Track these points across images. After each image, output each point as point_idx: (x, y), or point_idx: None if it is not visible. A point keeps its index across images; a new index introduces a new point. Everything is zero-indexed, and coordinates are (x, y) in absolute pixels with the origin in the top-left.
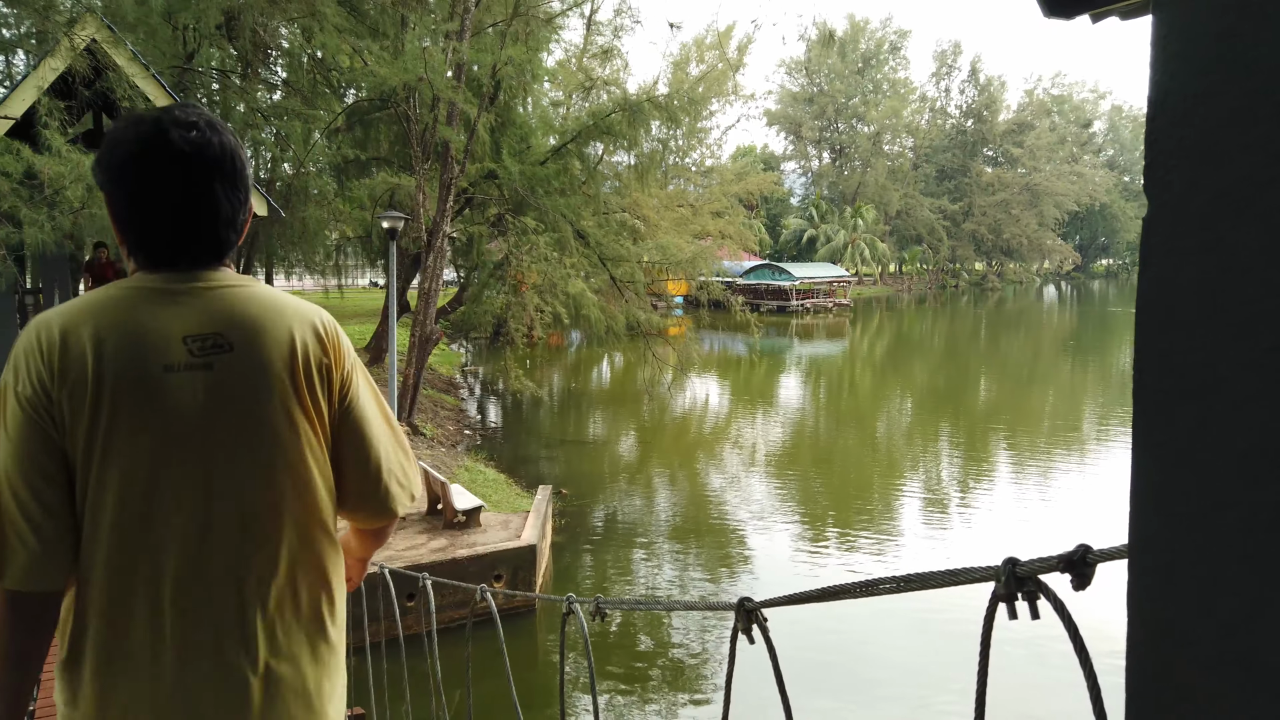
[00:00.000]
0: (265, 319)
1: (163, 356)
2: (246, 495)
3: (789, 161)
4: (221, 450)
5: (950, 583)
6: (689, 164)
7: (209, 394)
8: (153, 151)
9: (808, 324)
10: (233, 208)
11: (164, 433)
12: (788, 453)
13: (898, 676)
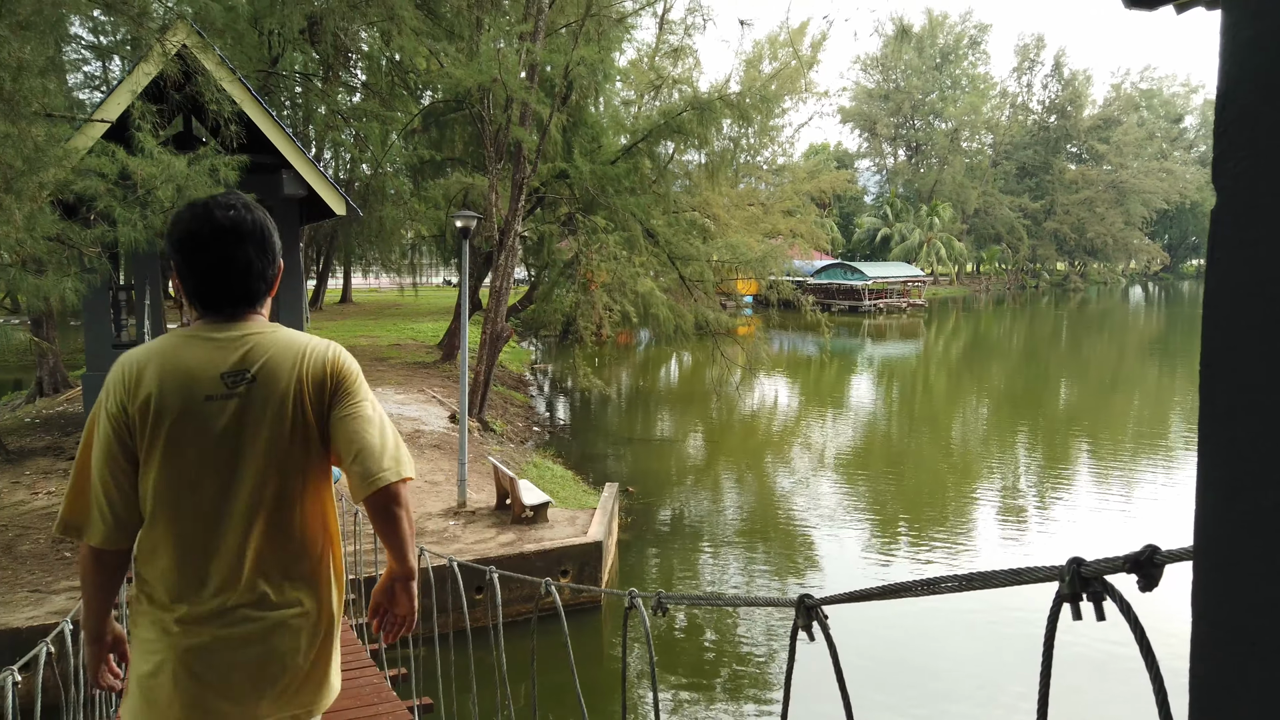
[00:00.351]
0: (279, 358)
1: (205, 389)
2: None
3: (863, 159)
4: (243, 456)
5: (1013, 582)
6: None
7: (236, 416)
8: (201, 225)
9: (880, 324)
10: (262, 266)
11: (202, 446)
12: (858, 455)
13: (959, 678)
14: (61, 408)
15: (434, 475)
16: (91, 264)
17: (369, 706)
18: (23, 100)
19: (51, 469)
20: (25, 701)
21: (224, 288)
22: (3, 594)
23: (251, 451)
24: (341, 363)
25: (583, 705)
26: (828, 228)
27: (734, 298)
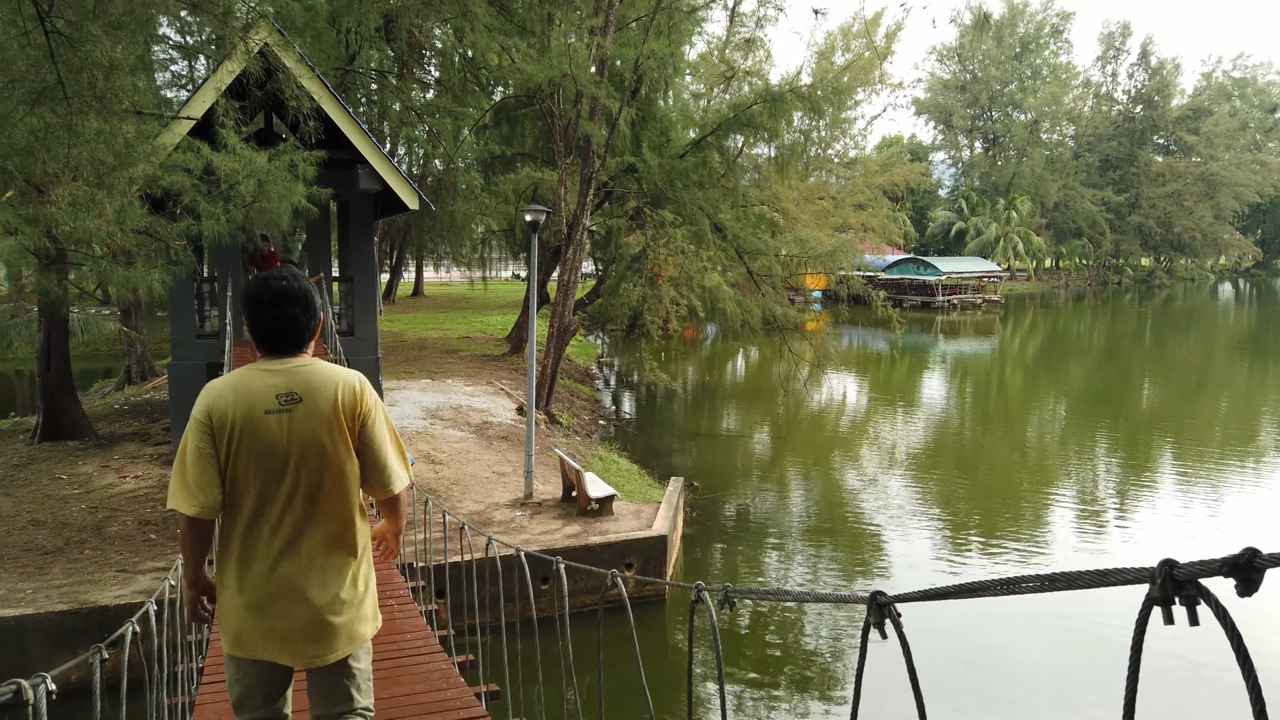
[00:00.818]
0: (321, 384)
1: (265, 405)
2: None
3: (938, 152)
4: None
5: (1100, 583)
6: (831, 155)
7: (288, 426)
8: (262, 291)
9: (954, 321)
10: (306, 320)
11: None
12: (929, 454)
13: (1037, 682)
14: (148, 395)
15: (501, 466)
16: (177, 256)
17: (438, 692)
18: (114, 98)
19: (138, 454)
20: (112, 678)
21: (277, 337)
22: (92, 573)
23: (293, 455)
24: (366, 393)
25: (648, 698)
26: (900, 222)
27: (803, 293)
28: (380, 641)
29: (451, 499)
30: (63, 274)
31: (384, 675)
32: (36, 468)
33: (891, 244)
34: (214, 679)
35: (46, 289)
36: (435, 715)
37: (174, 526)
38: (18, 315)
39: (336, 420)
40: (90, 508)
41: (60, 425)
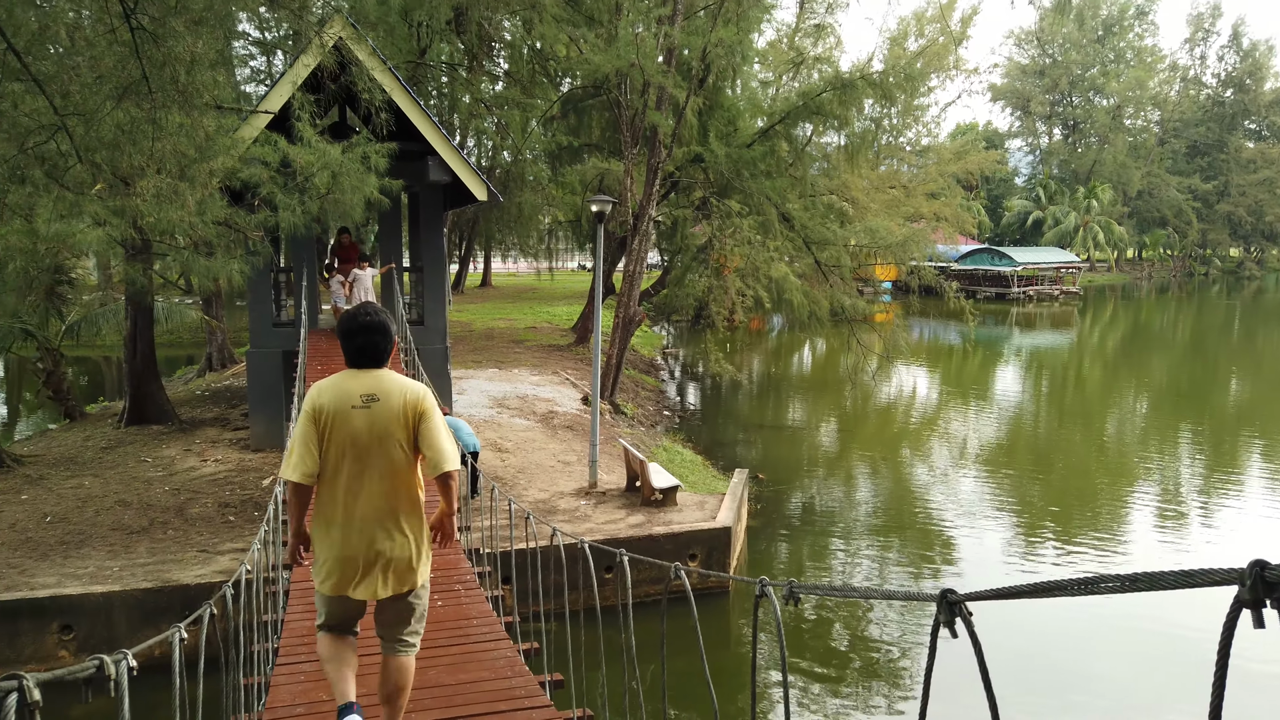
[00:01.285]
0: (392, 390)
1: (352, 401)
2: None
3: (1014, 139)
4: (372, 442)
5: (1185, 584)
6: (903, 143)
7: (368, 419)
8: (352, 323)
9: (1030, 313)
10: (384, 345)
11: (350, 434)
12: (1003, 450)
13: (1115, 687)
14: (228, 382)
15: (566, 455)
16: (255, 247)
17: (503, 679)
18: (195, 92)
19: (218, 438)
20: (190, 656)
21: (364, 356)
22: (175, 552)
23: (372, 440)
24: (424, 397)
25: (711, 690)
26: (974, 211)
27: (872, 283)
28: (448, 627)
29: (517, 487)
30: (148, 264)
31: (452, 661)
32: (123, 450)
33: (965, 234)
34: (288, 660)
35: (133, 279)
36: (501, 703)
37: (251, 510)
38: (106, 304)
39: (402, 416)
40: (173, 490)
41: (145, 410)
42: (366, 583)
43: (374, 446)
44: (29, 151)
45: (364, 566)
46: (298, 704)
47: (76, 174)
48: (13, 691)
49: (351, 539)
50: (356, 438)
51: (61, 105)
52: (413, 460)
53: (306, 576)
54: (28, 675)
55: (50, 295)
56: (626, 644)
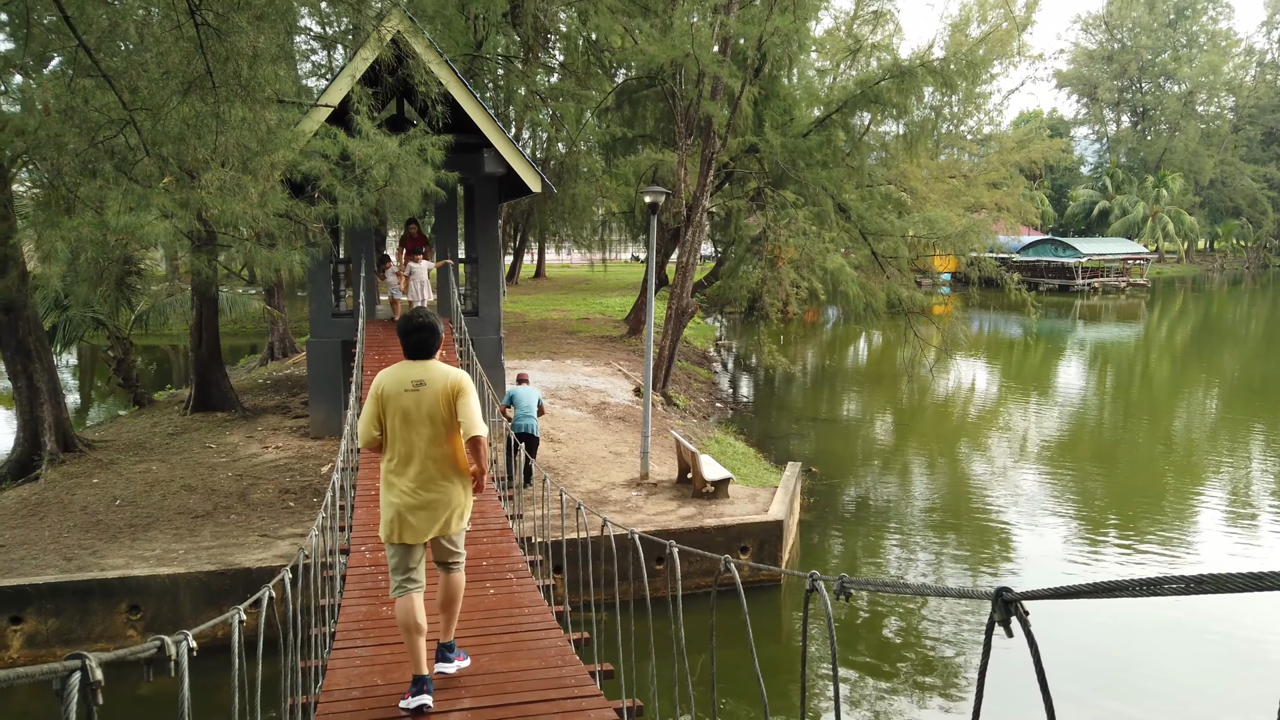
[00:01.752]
0: (436, 376)
1: (405, 385)
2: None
3: (1080, 126)
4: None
5: (1254, 587)
6: (964, 132)
7: (416, 399)
8: (409, 325)
9: (1094, 305)
10: (433, 341)
11: (404, 410)
12: (1064, 446)
13: (1178, 693)
14: (289, 371)
15: (617, 446)
16: (315, 239)
17: (554, 669)
18: (258, 87)
19: (279, 426)
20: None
21: (416, 351)
22: (237, 536)
23: (421, 415)
24: (461, 380)
25: (761, 684)
26: (1037, 201)
27: (930, 275)
28: (500, 615)
29: (569, 477)
30: (212, 255)
31: (504, 649)
32: (189, 436)
33: (1027, 224)
34: (345, 645)
35: (198, 269)
36: (551, 691)
37: (310, 496)
38: (173, 294)
39: (444, 396)
40: (236, 475)
41: (210, 397)
42: (419, 526)
43: (421, 420)
44: (99, 145)
45: (415, 512)
46: (353, 688)
47: (144, 167)
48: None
49: (407, 492)
50: (407, 413)
51: (130, 100)
52: (454, 429)
53: (362, 562)
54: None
55: (120, 285)
56: (676, 635)
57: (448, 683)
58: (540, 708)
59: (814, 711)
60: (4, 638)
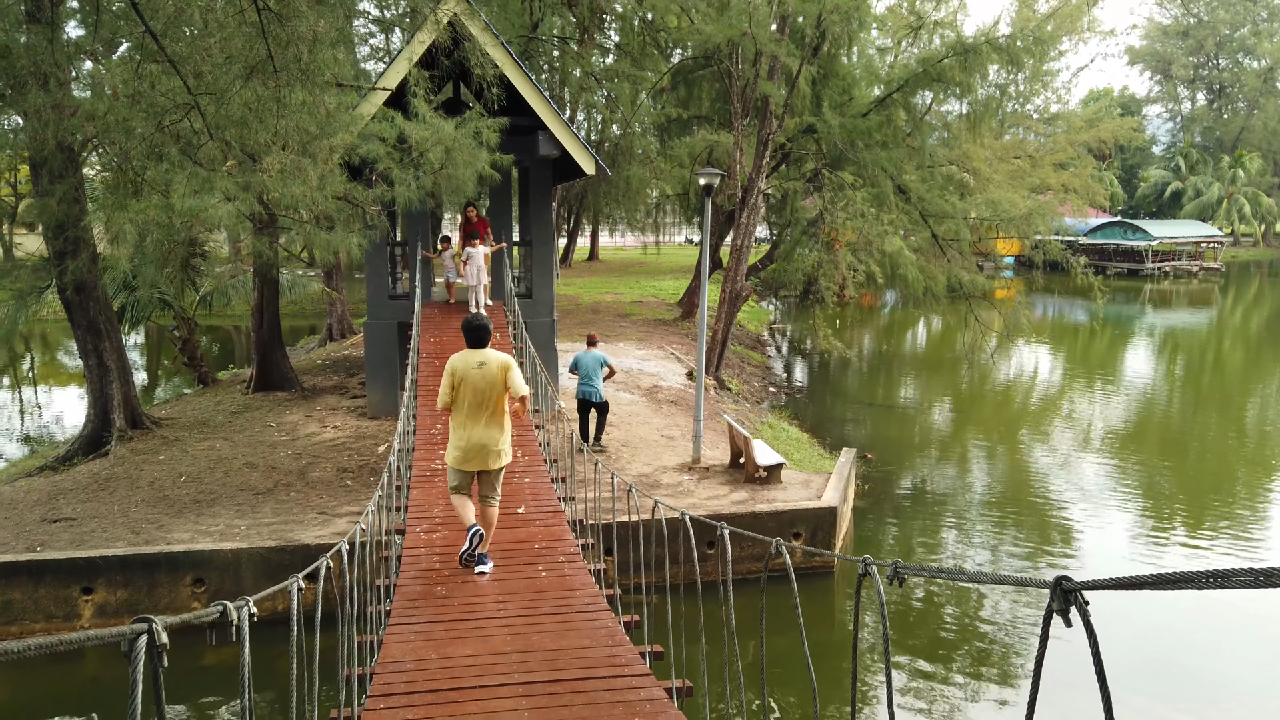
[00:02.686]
0: (492, 359)
1: (470, 366)
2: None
3: (1153, 105)
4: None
5: None
6: (1030, 110)
7: (479, 375)
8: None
9: (1164, 290)
10: (488, 336)
11: (470, 382)
12: (1129, 436)
13: (1242, 689)
14: (346, 352)
15: (669, 430)
16: (372, 222)
17: (604, 648)
18: (317, 70)
19: (337, 406)
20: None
21: (476, 342)
22: (297, 513)
23: (483, 386)
24: (508, 360)
25: (810, 668)
26: (1106, 182)
27: (993, 258)
28: (552, 596)
29: (621, 460)
30: (273, 238)
31: (556, 628)
32: (250, 415)
33: (1095, 206)
34: (400, 621)
35: (260, 251)
36: (601, 669)
37: (367, 475)
38: (236, 276)
39: (499, 372)
40: (295, 454)
41: (271, 377)
42: (475, 460)
43: (484, 389)
44: (165, 130)
45: (474, 451)
46: (408, 660)
47: (208, 151)
48: (143, 634)
49: (468, 436)
50: (474, 385)
51: (194, 85)
52: (503, 395)
53: (418, 543)
54: (156, 619)
55: (185, 267)
56: (726, 617)
57: (502, 660)
58: (591, 684)
59: (864, 699)
60: (76, 607)
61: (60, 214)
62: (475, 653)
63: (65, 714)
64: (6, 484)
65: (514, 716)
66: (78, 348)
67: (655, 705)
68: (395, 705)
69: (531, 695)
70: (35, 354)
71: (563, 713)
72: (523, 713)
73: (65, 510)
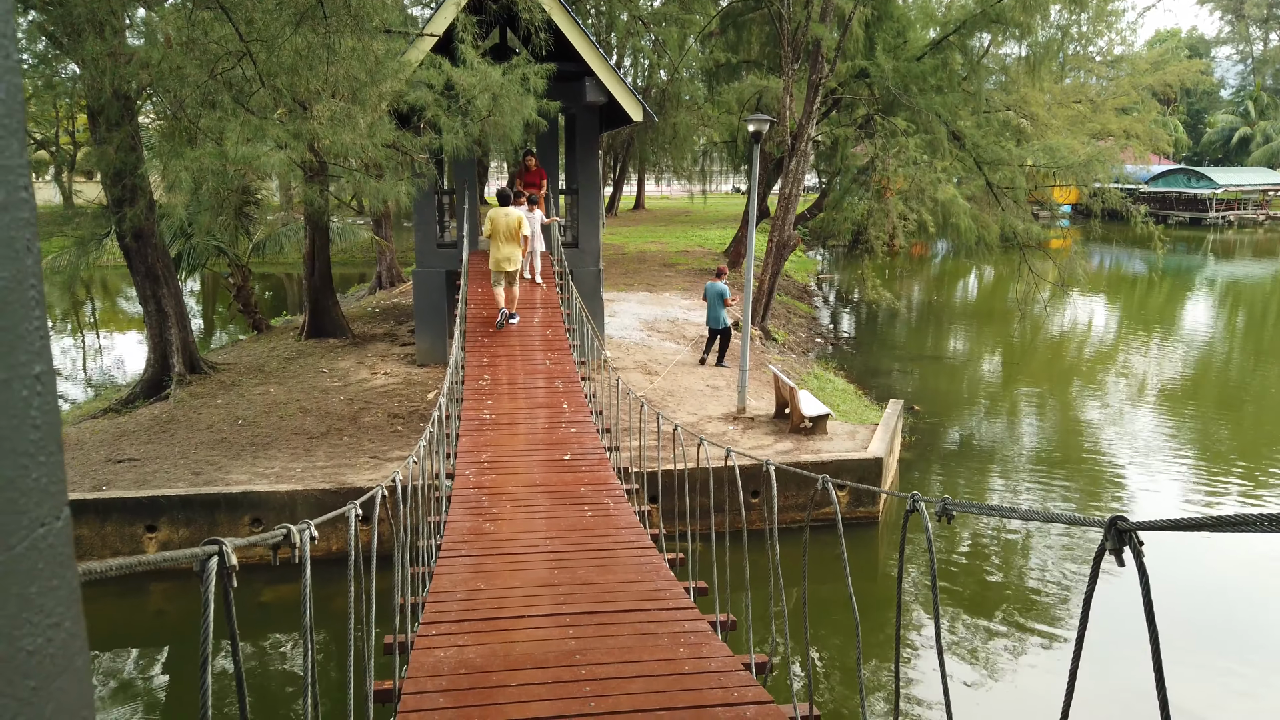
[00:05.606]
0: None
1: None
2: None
3: (1222, 46)
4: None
5: None
6: (1092, 53)
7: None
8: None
9: (1228, 240)
10: (509, 200)
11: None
12: (1186, 389)
13: None
14: (395, 300)
15: (714, 380)
16: (421, 170)
17: (649, 582)
18: (366, 16)
19: (387, 353)
20: (365, 552)
21: (503, 201)
22: (349, 457)
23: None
24: (522, 216)
25: (854, 606)
26: (1170, 127)
27: (1049, 207)
28: (597, 534)
29: (665, 410)
30: (324, 186)
31: (601, 564)
32: (303, 361)
33: (1158, 153)
34: (450, 555)
35: (311, 199)
36: (646, 602)
37: (417, 421)
38: (288, 224)
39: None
40: (347, 399)
41: (323, 324)
42: (503, 264)
43: (506, 227)
44: (218, 77)
45: (501, 259)
46: (458, 591)
47: (260, 99)
48: (214, 555)
49: (498, 250)
50: (501, 225)
51: (246, 32)
52: (519, 231)
53: (466, 485)
54: (226, 541)
55: (239, 215)
56: (771, 552)
57: (549, 591)
58: (636, 616)
59: (907, 642)
60: (140, 544)
61: (118, 162)
62: (523, 584)
63: (133, 645)
64: (72, 425)
65: (561, 644)
66: (137, 294)
67: (699, 637)
68: (446, 632)
69: (579, 625)
70: (96, 299)
71: (609, 642)
72: (569, 641)
73: (129, 451)
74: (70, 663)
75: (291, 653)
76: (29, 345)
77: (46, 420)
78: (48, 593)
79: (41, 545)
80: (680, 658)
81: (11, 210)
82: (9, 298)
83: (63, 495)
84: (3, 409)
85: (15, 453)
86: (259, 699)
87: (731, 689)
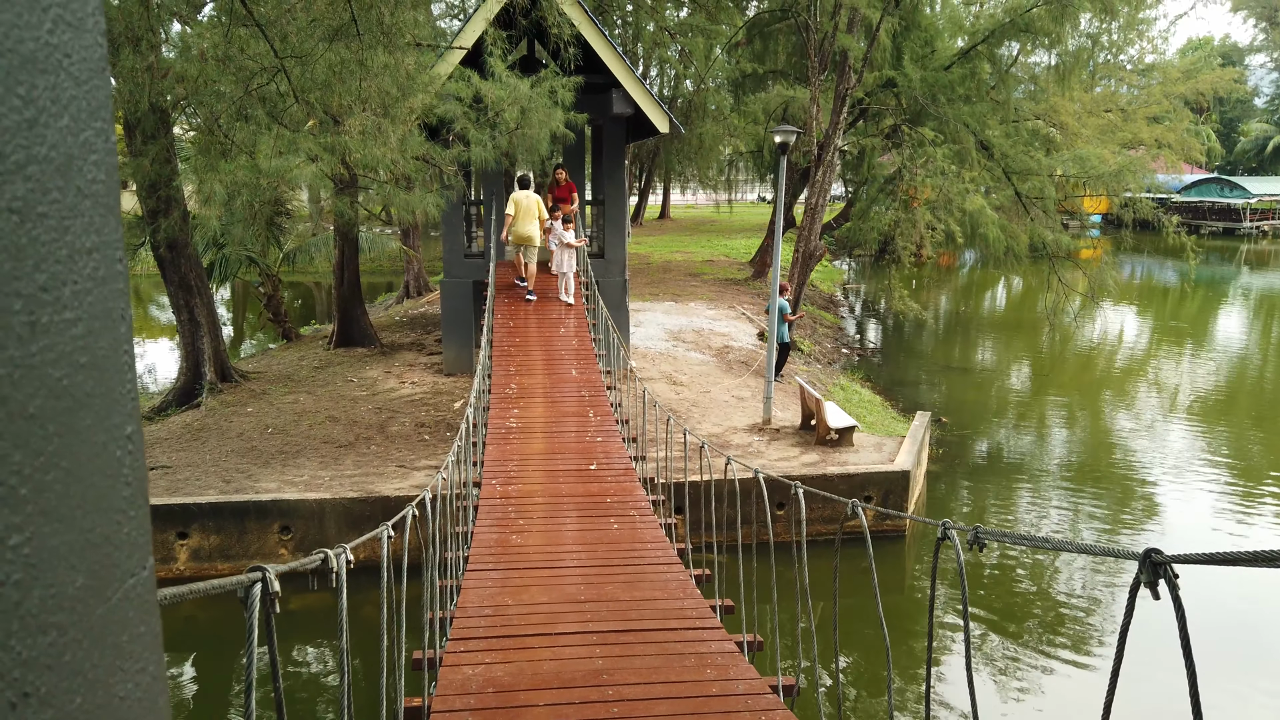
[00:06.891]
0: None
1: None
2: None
3: (1256, 54)
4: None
5: None
6: (1123, 61)
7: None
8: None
9: (1263, 250)
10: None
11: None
12: (1219, 402)
13: None
14: (423, 309)
15: (740, 391)
16: (449, 181)
17: (675, 600)
18: (398, 31)
19: (415, 362)
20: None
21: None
22: (377, 466)
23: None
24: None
25: (885, 630)
26: (1203, 136)
27: (1079, 217)
28: (623, 548)
29: (690, 420)
30: (354, 197)
31: (627, 579)
32: (332, 370)
33: (1191, 162)
34: (477, 568)
35: (341, 210)
36: (672, 620)
37: (444, 430)
38: (318, 234)
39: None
40: (375, 408)
41: (351, 333)
42: (525, 240)
43: (529, 209)
44: (253, 92)
45: (523, 237)
46: (485, 606)
47: (293, 113)
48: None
49: (521, 226)
50: (524, 205)
51: (280, 48)
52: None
53: (493, 494)
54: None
55: (270, 226)
56: (800, 574)
57: (575, 609)
58: (663, 635)
59: (936, 661)
60: (172, 550)
61: (153, 174)
62: (550, 600)
63: (165, 651)
64: None
65: (588, 664)
66: (170, 303)
67: (726, 658)
68: (474, 649)
69: (605, 644)
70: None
71: (636, 662)
72: (596, 660)
73: (161, 459)
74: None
75: (316, 661)
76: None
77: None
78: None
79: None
80: (707, 679)
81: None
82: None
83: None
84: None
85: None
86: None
87: (759, 713)
